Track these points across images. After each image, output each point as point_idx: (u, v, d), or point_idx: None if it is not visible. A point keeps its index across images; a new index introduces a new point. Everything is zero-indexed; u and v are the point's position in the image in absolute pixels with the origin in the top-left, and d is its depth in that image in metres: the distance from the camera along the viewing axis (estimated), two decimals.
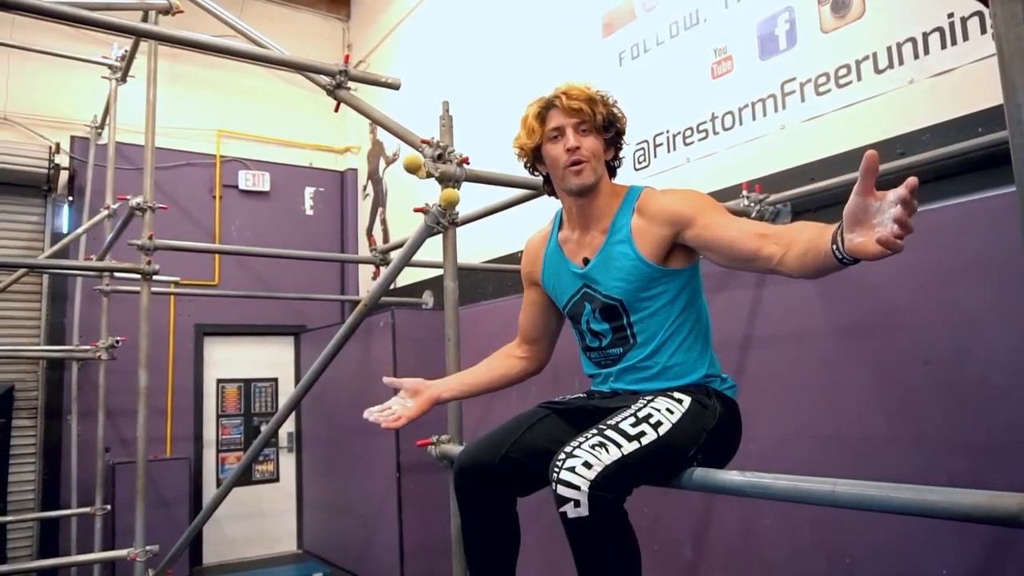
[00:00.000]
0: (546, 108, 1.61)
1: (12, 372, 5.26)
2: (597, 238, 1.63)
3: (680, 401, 1.48)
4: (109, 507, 4.85)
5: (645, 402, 1.46)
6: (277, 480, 6.24)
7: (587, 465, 1.26)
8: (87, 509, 4.80)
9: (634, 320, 1.59)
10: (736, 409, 1.62)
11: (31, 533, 5.17)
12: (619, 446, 1.31)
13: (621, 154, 1.71)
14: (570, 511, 1.25)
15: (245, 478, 5.90)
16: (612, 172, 1.70)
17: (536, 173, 1.74)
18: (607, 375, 1.66)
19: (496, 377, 1.83)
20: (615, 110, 1.64)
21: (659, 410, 1.43)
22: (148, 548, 3.33)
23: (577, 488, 1.24)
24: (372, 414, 1.65)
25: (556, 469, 1.28)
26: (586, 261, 1.65)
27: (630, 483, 1.33)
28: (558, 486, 1.27)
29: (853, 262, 1.11)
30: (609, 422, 1.38)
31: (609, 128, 1.61)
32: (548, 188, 1.74)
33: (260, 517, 6.09)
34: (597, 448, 1.29)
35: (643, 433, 1.36)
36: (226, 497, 3.13)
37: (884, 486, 1.09)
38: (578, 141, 1.57)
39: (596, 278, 1.62)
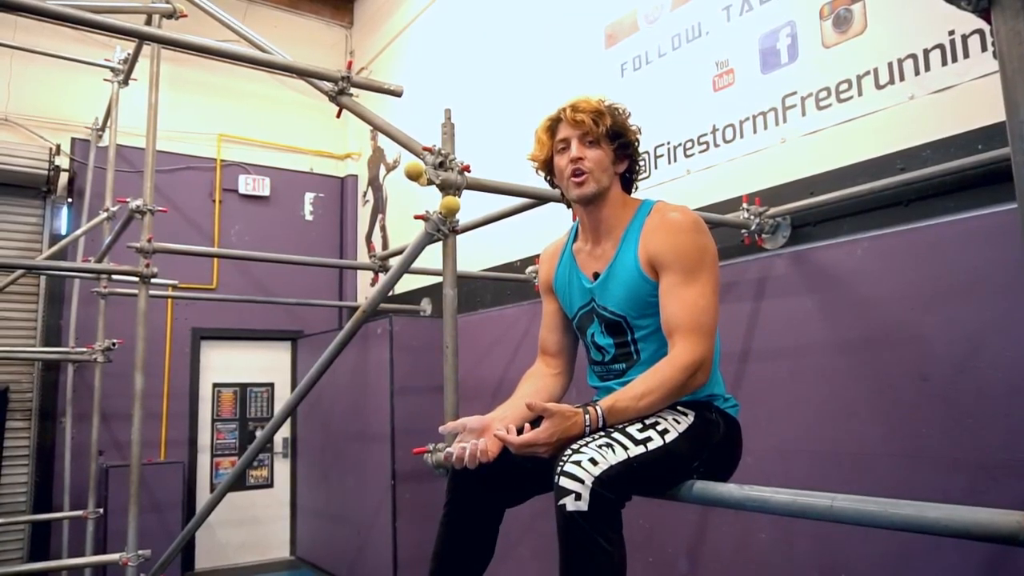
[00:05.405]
0: (555, 121, 1.65)
1: (7, 373, 5.23)
2: (608, 251, 1.64)
3: (685, 414, 1.49)
4: (102, 510, 4.82)
5: None
6: (271, 486, 6.21)
7: (593, 462, 1.27)
8: (79, 512, 4.78)
9: (638, 337, 1.60)
10: (738, 428, 1.62)
11: (22, 536, 5.13)
12: (625, 448, 1.32)
13: (639, 166, 1.73)
14: (569, 503, 1.24)
15: (239, 483, 5.86)
16: (628, 184, 1.72)
17: (555, 186, 1.76)
18: (609, 389, 1.65)
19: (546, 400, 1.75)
20: (624, 121, 1.66)
21: (666, 419, 1.44)
22: (140, 552, 3.30)
23: (580, 481, 1.24)
24: (456, 453, 1.47)
25: (561, 463, 1.29)
26: (596, 275, 1.66)
27: (632, 487, 1.33)
28: (561, 478, 1.26)
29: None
30: (616, 426, 1.39)
31: (616, 139, 1.63)
32: (566, 199, 1.75)
33: (253, 523, 6.06)
34: (604, 448, 1.30)
35: (649, 439, 1.37)
36: (220, 502, 3.12)
37: (883, 502, 1.08)
38: (581, 152, 1.60)
39: (603, 292, 1.63)
